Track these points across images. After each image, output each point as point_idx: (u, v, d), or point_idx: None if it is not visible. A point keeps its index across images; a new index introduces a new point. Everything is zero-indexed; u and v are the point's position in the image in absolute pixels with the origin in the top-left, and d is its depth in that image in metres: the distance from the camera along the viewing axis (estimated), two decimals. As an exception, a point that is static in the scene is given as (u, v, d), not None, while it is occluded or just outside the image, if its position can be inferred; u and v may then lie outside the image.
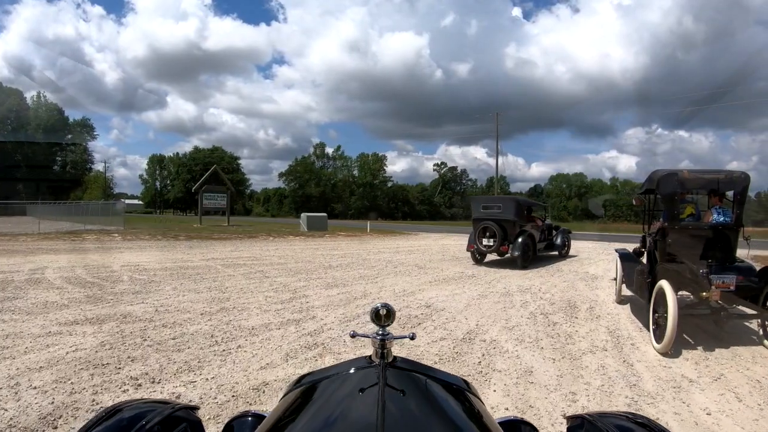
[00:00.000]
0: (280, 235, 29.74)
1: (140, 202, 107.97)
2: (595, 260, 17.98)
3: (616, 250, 10.18)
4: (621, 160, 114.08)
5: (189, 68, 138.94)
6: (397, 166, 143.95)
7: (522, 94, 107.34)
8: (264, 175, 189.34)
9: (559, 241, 18.74)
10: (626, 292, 9.54)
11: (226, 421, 1.74)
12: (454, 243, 25.83)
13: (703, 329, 7.30)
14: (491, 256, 16.49)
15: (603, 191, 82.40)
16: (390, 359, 1.45)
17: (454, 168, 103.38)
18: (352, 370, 1.46)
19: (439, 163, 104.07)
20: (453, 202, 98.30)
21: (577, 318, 8.33)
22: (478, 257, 16.32)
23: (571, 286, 11.81)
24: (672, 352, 6.24)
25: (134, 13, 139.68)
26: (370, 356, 1.49)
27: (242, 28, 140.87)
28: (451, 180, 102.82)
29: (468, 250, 16.53)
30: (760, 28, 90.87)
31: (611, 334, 7.26)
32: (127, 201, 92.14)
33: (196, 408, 1.76)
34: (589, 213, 77.48)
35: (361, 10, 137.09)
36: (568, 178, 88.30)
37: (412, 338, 1.65)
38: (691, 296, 7.17)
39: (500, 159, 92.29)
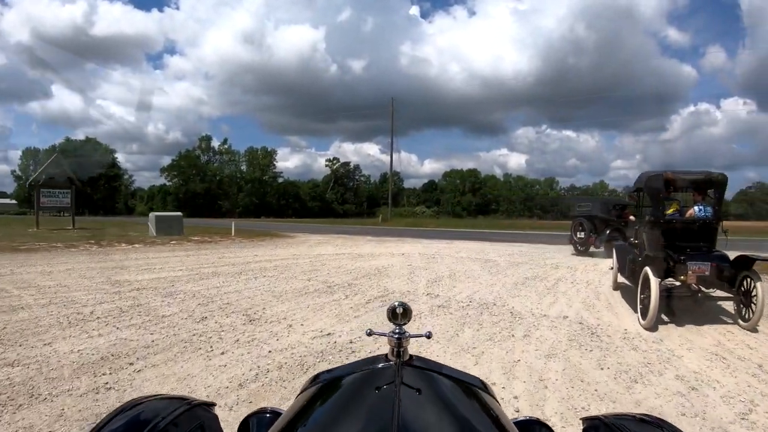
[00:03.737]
0: (120, 241, 22.63)
1: (13, 202, 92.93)
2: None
3: (614, 243, 11.42)
4: (512, 158, 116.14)
5: (75, 56, 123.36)
6: (290, 162, 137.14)
7: (416, 92, 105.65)
8: (153, 172, 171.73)
9: None
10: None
11: (242, 418, 1.65)
12: (341, 251, 19.32)
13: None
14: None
15: (497, 187, 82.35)
16: (406, 358, 1.40)
17: (346, 164, 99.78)
18: (368, 369, 1.41)
19: (332, 158, 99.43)
20: (345, 198, 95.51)
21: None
22: (580, 248, 17.75)
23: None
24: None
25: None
26: (386, 354, 1.44)
27: (133, 14, 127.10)
28: (343, 176, 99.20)
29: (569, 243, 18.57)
30: (646, 38, 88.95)
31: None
32: (-1, 201, 78.56)
33: (212, 404, 1.66)
34: (482, 209, 77.60)
35: (257, 1, 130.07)
36: (462, 173, 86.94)
37: (429, 337, 1.60)
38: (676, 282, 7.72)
39: (394, 156, 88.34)
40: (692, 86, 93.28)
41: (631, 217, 15.77)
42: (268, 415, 1.62)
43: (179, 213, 31.84)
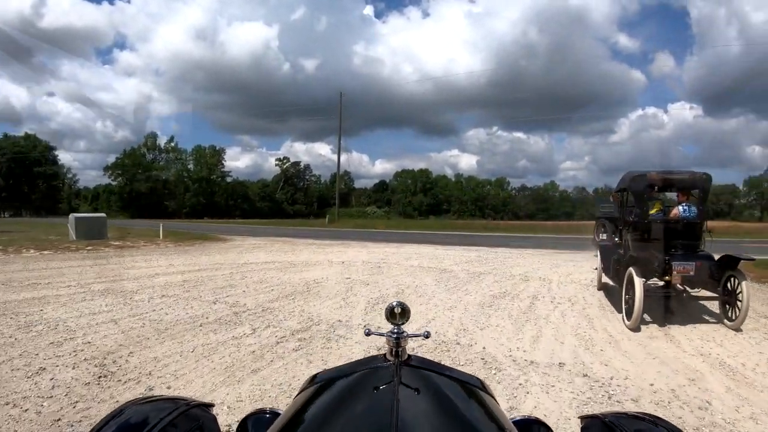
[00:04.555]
0: (30, 247, 19.15)
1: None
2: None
3: (599, 243, 10.92)
4: (462, 159, 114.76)
5: (21, 48, 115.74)
6: (241, 162, 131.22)
7: (369, 92, 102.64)
8: (101, 171, 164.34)
9: None
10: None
11: (240, 419, 1.63)
12: (273, 258, 16.20)
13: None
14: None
15: (448, 187, 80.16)
16: (404, 357, 1.40)
17: (297, 163, 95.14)
18: (366, 369, 1.40)
19: (282, 158, 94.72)
20: (296, 198, 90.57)
21: None
22: None
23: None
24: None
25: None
26: (384, 354, 1.44)
27: (82, 5, 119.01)
28: (294, 176, 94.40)
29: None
30: (596, 43, 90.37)
31: None
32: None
33: (210, 405, 1.64)
34: (434, 209, 75.99)
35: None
36: (413, 174, 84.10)
37: (427, 337, 1.59)
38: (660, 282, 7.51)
39: (345, 156, 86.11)
40: (641, 90, 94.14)
41: None
42: (266, 415, 1.59)
43: (103, 214, 28.13)
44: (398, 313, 1.45)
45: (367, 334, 1.59)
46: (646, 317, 7.43)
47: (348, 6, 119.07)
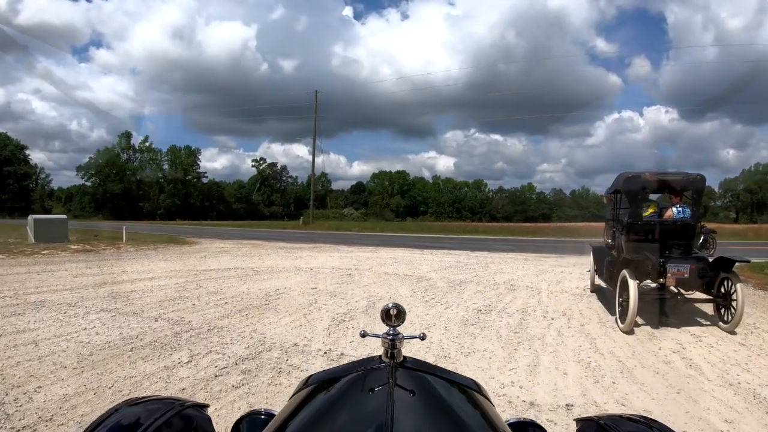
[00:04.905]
0: None
1: None
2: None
3: (591, 245, 10.38)
4: (440, 161, 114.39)
5: None
6: (218, 163, 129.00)
7: (347, 94, 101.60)
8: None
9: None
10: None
11: (235, 420, 1.63)
12: (236, 265, 14.73)
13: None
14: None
15: (425, 189, 79.83)
16: (400, 359, 1.39)
17: (273, 164, 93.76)
18: (362, 370, 1.39)
19: (258, 159, 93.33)
20: (272, 200, 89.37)
21: None
22: None
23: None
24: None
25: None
26: (380, 356, 1.42)
27: (59, 3, 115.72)
28: (270, 177, 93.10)
29: None
30: (574, 47, 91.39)
31: None
32: None
33: (205, 406, 1.62)
34: (411, 211, 75.99)
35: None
36: (391, 175, 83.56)
37: (423, 338, 1.56)
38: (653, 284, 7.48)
39: (322, 157, 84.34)
40: (617, 94, 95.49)
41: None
42: (261, 417, 1.57)
43: (63, 216, 26.35)
44: (394, 315, 1.41)
45: (363, 336, 1.54)
46: (660, 334, 6.82)
47: (327, 7, 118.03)
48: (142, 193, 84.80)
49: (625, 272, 6.98)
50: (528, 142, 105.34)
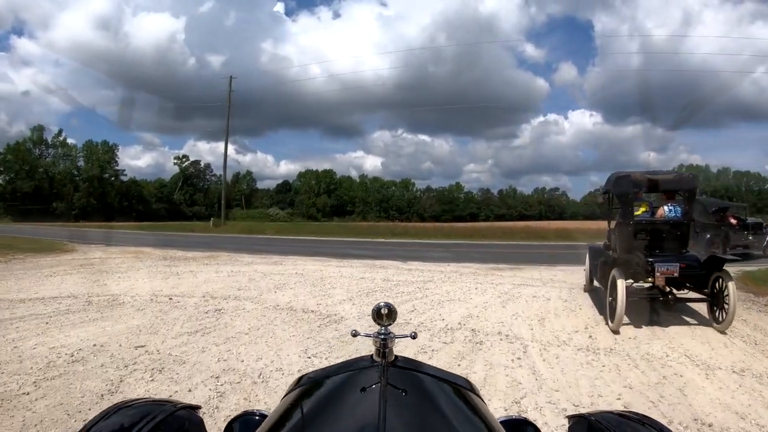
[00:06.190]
0: None
1: None
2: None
3: (588, 245, 9.96)
4: (368, 160, 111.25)
5: None
6: (142, 161, 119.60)
7: (276, 92, 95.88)
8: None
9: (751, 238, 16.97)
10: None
11: (227, 421, 1.56)
12: (77, 290, 9.85)
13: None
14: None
15: (353, 188, 76.00)
16: (391, 359, 1.33)
17: (197, 162, 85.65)
18: (353, 370, 1.35)
19: (181, 156, 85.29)
20: (195, 199, 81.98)
21: None
22: None
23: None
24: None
25: None
26: (371, 355, 1.37)
27: None
28: (193, 175, 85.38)
29: None
30: (503, 51, 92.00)
31: None
32: None
33: (197, 407, 1.59)
34: (338, 210, 71.83)
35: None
36: (317, 174, 78.74)
37: (414, 337, 1.48)
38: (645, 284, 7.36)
39: (248, 156, 79.14)
40: (544, 98, 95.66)
41: (732, 220, 15.87)
42: (255, 417, 1.52)
43: None
44: (385, 314, 1.36)
45: (354, 335, 1.43)
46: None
47: (258, 2, 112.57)
48: (55, 191, 76.71)
49: (614, 272, 6.79)
50: (455, 143, 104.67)
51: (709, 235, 14.42)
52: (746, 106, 76.60)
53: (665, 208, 7.35)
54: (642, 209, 7.60)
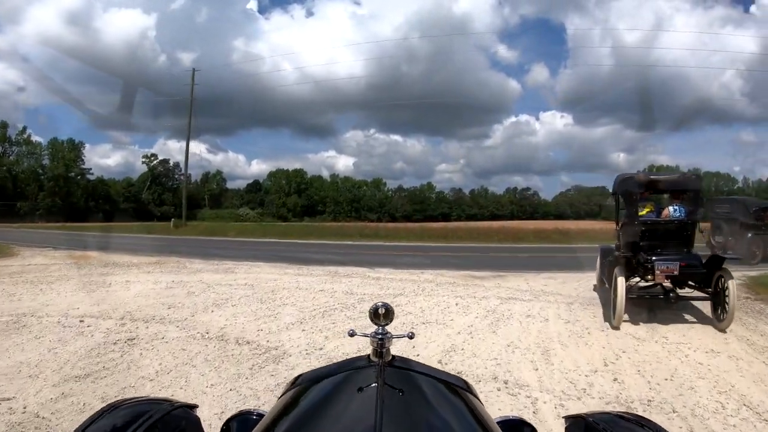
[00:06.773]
0: None
1: None
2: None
3: (599, 246, 9.77)
4: (340, 160, 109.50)
5: None
6: (111, 159, 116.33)
7: (247, 90, 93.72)
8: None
9: None
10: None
11: (224, 420, 1.51)
12: None
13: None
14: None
15: (324, 188, 74.35)
16: (388, 359, 1.29)
17: (165, 161, 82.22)
18: (350, 370, 1.31)
19: (149, 155, 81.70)
20: (164, 199, 78.53)
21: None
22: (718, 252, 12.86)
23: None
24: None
25: None
26: (368, 355, 1.33)
27: None
28: (162, 175, 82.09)
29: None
30: (476, 52, 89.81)
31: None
32: None
33: (194, 406, 1.54)
34: (309, 210, 70.62)
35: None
36: (288, 174, 77.07)
37: (411, 337, 1.44)
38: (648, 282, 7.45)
39: (219, 155, 77.08)
40: (516, 99, 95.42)
41: None
42: (252, 416, 1.49)
43: None
44: (382, 314, 1.32)
45: (351, 335, 1.42)
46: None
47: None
48: (19, 191, 73.65)
49: (615, 269, 6.86)
50: (427, 143, 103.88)
51: (750, 234, 14.48)
52: (716, 108, 78.09)
53: (670, 208, 7.50)
54: (647, 209, 7.74)
